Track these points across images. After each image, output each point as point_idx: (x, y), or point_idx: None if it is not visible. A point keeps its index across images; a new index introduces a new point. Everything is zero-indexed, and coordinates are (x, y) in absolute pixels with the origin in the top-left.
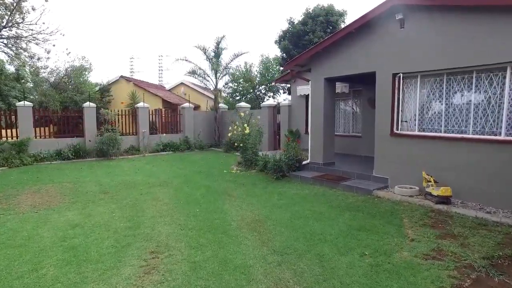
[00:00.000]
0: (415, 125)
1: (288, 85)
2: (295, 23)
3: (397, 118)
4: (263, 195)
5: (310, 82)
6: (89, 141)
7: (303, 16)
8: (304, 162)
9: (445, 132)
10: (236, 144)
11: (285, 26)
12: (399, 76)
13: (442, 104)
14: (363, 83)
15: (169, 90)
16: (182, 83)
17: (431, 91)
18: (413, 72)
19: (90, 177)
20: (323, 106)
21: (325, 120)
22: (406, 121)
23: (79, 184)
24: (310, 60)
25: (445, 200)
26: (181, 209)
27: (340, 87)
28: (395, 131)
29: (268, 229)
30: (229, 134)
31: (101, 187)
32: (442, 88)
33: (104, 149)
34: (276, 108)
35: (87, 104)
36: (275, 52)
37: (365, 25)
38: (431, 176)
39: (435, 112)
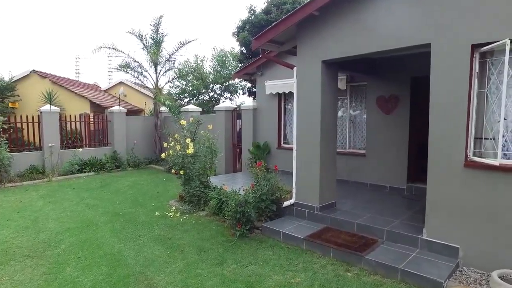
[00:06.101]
0: None
1: (249, 85)
2: (256, 12)
3: (475, 133)
4: None
5: (295, 69)
6: None
7: (266, 4)
8: (285, 203)
9: None
10: (174, 170)
11: (244, 15)
12: (490, 50)
13: None
14: (370, 73)
15: (105, 90)
16: (121, 82)
17: None
18: None
19: None
20: (320, 107)
21: (323, 131)
22: (493, 139)
23: None
24: (296, 31)
25: None
26: None
27: None
28: (471, 157)
29: None
30: (162, 155)
31: None
32: None
33: None
34: (236, 113)
35: None
36: (232, 46)
37: None
38: None
39: None
